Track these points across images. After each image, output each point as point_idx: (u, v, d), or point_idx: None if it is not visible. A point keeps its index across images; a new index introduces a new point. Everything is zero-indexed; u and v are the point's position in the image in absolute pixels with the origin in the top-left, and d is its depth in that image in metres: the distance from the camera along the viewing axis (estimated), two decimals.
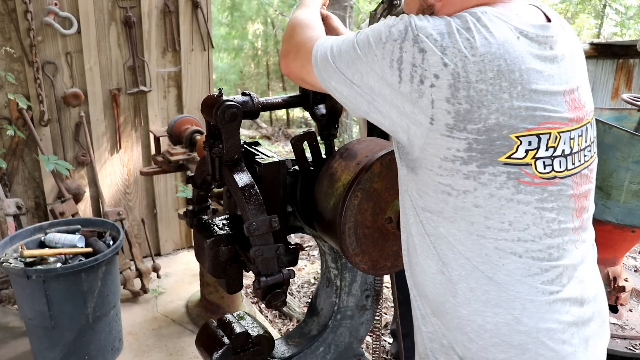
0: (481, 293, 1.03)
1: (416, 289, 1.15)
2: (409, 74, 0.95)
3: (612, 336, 2.36)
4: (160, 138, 3.09)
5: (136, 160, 3.72)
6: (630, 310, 2.63)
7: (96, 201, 3.58)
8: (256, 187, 1.29)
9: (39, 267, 2.44)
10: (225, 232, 1.41)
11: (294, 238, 4.51)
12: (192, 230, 1.68)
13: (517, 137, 0.96)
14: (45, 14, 3.08)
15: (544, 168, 1.00)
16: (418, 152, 1.01)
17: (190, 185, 1.60)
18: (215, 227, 1.44)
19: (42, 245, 2.67)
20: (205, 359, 1.48)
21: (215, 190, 1.85)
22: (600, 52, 6.50)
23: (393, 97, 0.98)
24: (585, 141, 1.09)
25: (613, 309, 2.47)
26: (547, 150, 0.99)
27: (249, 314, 1.59)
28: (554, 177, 1.01)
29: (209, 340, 1.48)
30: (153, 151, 3.33)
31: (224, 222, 1.47)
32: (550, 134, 0.99)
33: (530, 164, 0.98)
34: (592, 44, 6.65)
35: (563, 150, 1.02)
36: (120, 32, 3.40)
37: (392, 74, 0.96)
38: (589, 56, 6.59)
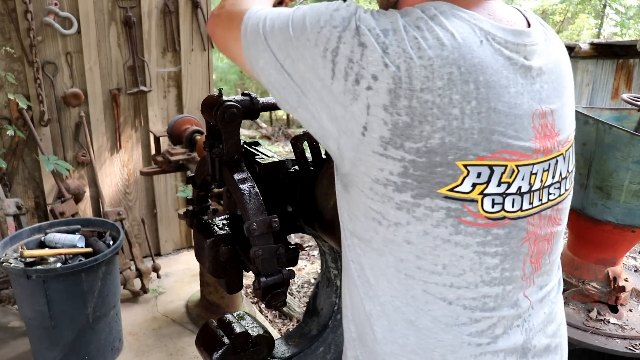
0: (398, 336, 0.89)
1: (346, 310, 1.01)
2: (343, 70, 0.77)
3: (612, 336, 2.36)
4: (160, 138, 3.09)
5: (136, 160, 3.72)
6: (630, 310, 2.62)
7: (96, 201, 3.59)
8: (256, 187, 1.29)
9: (39, 267, 2.44)
10: (225, 232, 1.41)
11: (294, 238, 4.51)
12: (192, 230, 1.68)
13: (465, 166, 0.78)
14: (45, 14, 3.08)
15: (492, 207, 0.82)
16: (348, 166, 0.84)
17: (190, 185, 1.60)
18: (215, 227, 1.44)
19: (42, 245, 2.67)
20: (205, 359, 1.48)
21: (215, 190, 1.85)
22: (600, 52, 6.51)
23: (324, 94, 0.81)
24: (553, 177, 0.90)
25: (613, 309, 2.48)
26: (499, 185, 0.81)
27: (249, 314, 1.58)
28: (503, 218, 0.84)
29: (209, 340, 1.48)
30: (153, 151, 3.33)
31: (224, 222, 1.47)
32: (506, 166, 0.81)
33: (476, 201, 0.80)
34: (592, 44, 6.66)
35: (519, 188, 0.84)
36: (120, 32, 3.40)
37: (324, 65, 0.79)
38: (589, 56, 6.61)
